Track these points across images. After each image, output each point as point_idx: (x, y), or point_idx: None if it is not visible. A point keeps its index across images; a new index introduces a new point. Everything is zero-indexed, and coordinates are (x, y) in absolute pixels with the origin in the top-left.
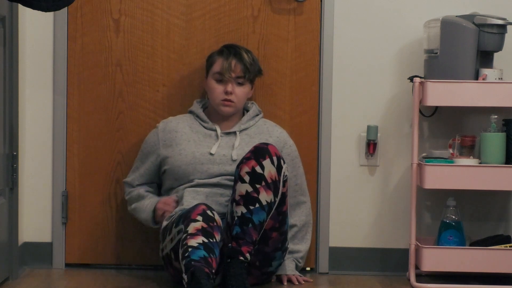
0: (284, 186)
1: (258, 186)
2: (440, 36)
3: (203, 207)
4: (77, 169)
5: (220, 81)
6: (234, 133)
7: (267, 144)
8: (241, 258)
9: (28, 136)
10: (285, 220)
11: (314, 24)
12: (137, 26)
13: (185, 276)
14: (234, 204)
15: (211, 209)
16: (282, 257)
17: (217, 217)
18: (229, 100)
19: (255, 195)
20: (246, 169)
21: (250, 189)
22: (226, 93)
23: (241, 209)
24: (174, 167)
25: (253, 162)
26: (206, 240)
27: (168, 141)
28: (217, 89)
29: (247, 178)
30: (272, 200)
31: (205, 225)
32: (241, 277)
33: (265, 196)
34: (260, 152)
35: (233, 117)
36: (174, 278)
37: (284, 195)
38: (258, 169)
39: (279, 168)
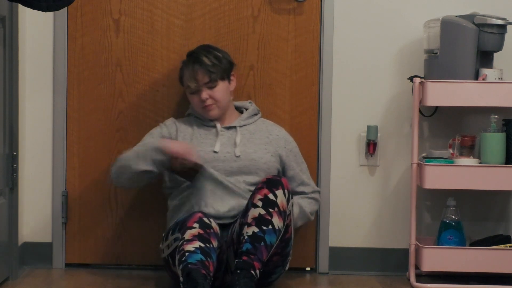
0: (288, 218)
1: (271, 210)
2: (440, 36)
3: (200, 215)
4: (77, 169)
5: (193, 92)
6: (235, 128)
7: (280, 176)
8: (252, 272)
9: (28, 136)
10: (288, 243)
11: (314, 24)
12: (137, 26)
13: (181, 279)
14: (245, 226)
15: (207, 217)
16: (283, 269)
17: (214, 224)
18: (209, 105)
19: (268, 217)
20: (258, 196)
21: (263, 212)
22: (202, 101)
23: (252, 229)
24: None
25: (265, 191)
26: (202, 245)
27: (173, 136)
28: (194, 100)
29: (259, 203)
30: (281, 228)
31: (201, 231)
32: None
33: (277, 221)
34: (273, 182)
35: (231, 116)
36: (174, 279)
37: (287, 226)
38: (271, 196)
39: (288, 201)
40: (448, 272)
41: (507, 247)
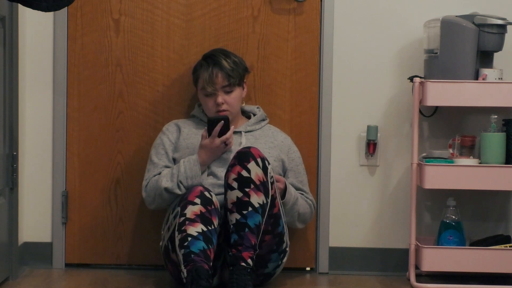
0: (272, 188)
1: (247, 189)
2: (440, 36)
3: (201, 188)
4: (77, 169)
5: (208, 95)
6: (240, 132)
7: (249, 147)
8: (243, 264)
9: (28, 136)
10: (278, 222)
11: (314, 24)
12: (137, 26)
13: (184, 270)
14: (228, 213)
15: (208, 190)
16: (280, 258)
17: (214, 198)
18: (223, 110)
19: (246, 199)
20: (232, 176)
21: (240, 194)
22: (218, 105)
23: (235, 216)
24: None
25: (238, 168)
26: (205, 228)
27: (176, 137)
28: (209, 103)
29: (235, 184)
30: (264, 202)
31: (203, 209)
32: (244, 283)
33: (256, 199)
34: (243, 156)
35: (237, 121)
36: (173, 275)
37: (273, 198)
38: (244, 173)
39: (265, 169)
40: (448, 272)
41: (507, 247)
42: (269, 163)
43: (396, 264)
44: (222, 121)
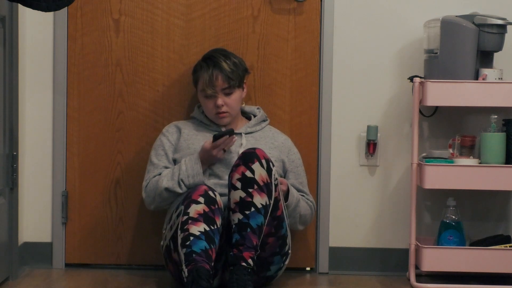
0: (276, 190)
1: (250, 190)
2: (440, 36)
3: (205, 187)
4: (77, 169)
5: (208, 96)
6: (240, 134)
7: (254, 148)
8: (244, 264)
9: (28, 136)
10: (282, 224)
11: (314, 24)
12: (137, 26)
13: (185, 270)
14: (231, 212)
15: (212, 190)
16: (282, 261)
17: (218, 198)
18: (223, 112)
19: (249, 199)
20: (236, 176)
21: (243, 194)
22: (217, 107)
23: (237, 216)
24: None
25: (242, 168)
26: (207, 228)
27: (176, 139)
28: (208, 105)
29: (238, 184)
30: (267, 203)
31: (206, 209)
32: (244, 283)
33: (259, 199)
34: (248, 157)
35: (238, 122)
36: (174, 275)
37: (277, 200)
38: (248, 173)
39: (269, 171)
40: (448, 272)
41: (507, 247)
42: (273, 165)
43: (396, 264)
44: (227, 136)
